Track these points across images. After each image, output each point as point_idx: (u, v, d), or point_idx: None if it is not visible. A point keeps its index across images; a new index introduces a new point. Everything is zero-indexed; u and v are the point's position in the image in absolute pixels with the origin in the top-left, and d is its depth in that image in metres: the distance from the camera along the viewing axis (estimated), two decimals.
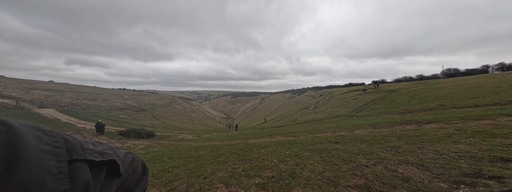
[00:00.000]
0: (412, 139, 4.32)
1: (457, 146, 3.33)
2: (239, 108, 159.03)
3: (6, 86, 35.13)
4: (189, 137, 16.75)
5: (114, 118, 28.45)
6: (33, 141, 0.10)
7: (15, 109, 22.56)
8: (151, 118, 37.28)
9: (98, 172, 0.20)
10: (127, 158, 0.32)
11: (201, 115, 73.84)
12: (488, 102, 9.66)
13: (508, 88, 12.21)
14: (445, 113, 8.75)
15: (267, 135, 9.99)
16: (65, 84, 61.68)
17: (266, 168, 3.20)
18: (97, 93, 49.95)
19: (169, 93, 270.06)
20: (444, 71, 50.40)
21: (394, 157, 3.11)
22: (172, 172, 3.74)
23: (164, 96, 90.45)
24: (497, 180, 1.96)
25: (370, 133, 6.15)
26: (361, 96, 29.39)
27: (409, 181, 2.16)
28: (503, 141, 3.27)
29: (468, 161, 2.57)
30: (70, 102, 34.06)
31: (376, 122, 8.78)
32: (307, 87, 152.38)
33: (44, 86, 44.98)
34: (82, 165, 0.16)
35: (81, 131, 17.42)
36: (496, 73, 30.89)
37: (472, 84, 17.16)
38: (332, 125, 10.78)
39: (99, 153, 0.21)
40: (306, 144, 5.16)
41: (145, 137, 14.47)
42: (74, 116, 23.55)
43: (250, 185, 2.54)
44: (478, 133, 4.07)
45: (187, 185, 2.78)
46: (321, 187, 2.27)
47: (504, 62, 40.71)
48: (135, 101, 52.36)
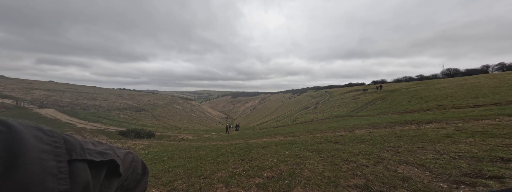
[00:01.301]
0: (412, 139, 4.32)
1: (457, 146, 3.33)
2: (239, 108, 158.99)
3: (6, 86, 35.12)
4: (189, 137, 16.75)
5: (114, 118, 28.46)
6: (33, 141, 0.10)
7: (15, 109, 22.56)
8: (151, 118, 37.28)
9: (98, 172, 0.20)
10: (127, 158, 0.32)
11: (201, 115, 73.81)
12: (488, 102, 9.65)
13: (508, 88, 12.20)
14: (445, 113, 8.75)
15: (267, 135, 9.99)
16: (65, 84, 61.65)
17: (266, 168, 3.20)
18: (97, 94, 49.94)
19: (169, 93, 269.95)
20: (444, 71, 50.41)
21: (394, 157, 3.11)
22: (172, 172, 3.74)
23: (164, 96, 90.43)
24: (497, 180, 1.95)
25: (370, 133, 6.15)
26: (361, 96, 29.38)
27: (409, 181, 2.16)
28: (503, 141, 3.27)
29: (468, 161, 2.57)
30: (70, 102, 34.07)
31: (376, 122, 8.78)
32: (307, 87, 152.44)
33: (44, 86, 44.96)
34: (82, 165, 0.16)
35: (81, 131, 17.42)
36: (496, 73, 30.90)
37: (472, 84, 17.16)
38: (332, 125, 10.78)
39: (99, 153, 0.21)
40: (306, 144, 5.15)
41: (145, 137, 14.48)
42: (74, 116, 23.56)
43: (250, 185, 2.54)
44: (478, 133, 4.07)
45: (187, 185, 2.78)
46: (321, 187, 2.27)
47: (504, 62, 40.72)
48: (135, 101, 52.35)
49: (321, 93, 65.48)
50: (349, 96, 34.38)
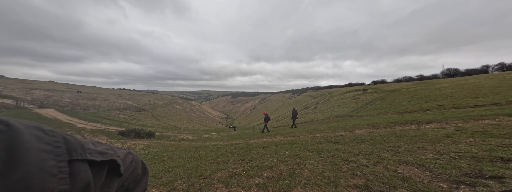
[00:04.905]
0: (412, 139, 4.32)
1: (457, 146, 3.33)
2: (239, 108, 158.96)
3: (6, 86, 35.14)
4: (189, 137, 16.75)
5: (114, 118, 28.46)
6: (33, 141, 0.10)
7: (15, 109, 22.58)
8: (151, 118, 37.29)
9: (98, 172, 0.20)
10: (127, 158, 0.32)
11: (201, 115, 73.82)
12: (488, 102, 9.65)
13: (508, 88, 12.20)
14: (445, 113, 8.75)
15: (267, 135, 9.99)
16: (65, 84, 61.66)
17: (266, 168, 3.20)
18: (97, 94, 49.97)
19: (169, 93, 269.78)
20: (444, 71, 50.35)
21: (394, 157, 3.11)
22: (172, 172, 3.74)
23: (164, 96, 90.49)
24: (497, 180, 1.95)
25: (370, 133, 6.15)
26: (361, 96, 29.38)
27: (409, 181, 2.16)
28: (503, 141, 3.27)
29: (468, 161, 2.57)
30: (70, 102, 34.08)
31: (376, 122, 8.77)
32: (307, 87, 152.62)
33: (44, 86, 44.99)
34: (82, 165, 0.16)
35: (81, 131, 17.43)
36: (496, 73, 30.88)
37: (472, 84, 17.15)
38: (332, 125, 10.77)
39: (100, 153, 0.21)
40: (306, 144, 5.15)
41: (145, 137, 14.47)
42: (74, 116, 23.56)
43: (250, 185, 2.54)
44: (478, 133, 4.07)
45: (187, 185, 2.78)
46: (321, 187, 2.27)
47: (504, 62, 40.64)
48: (135, 101, 52.37)
49: (321, 93, 65.51)
50: (349, 95, 34.38)
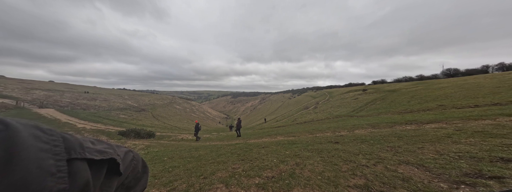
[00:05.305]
0: (412, 139, 4.32)
1: (457, 146, 3.33)
2: (239, 108, 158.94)
3: (6, 86, 35.14)
4: (189, 137, 16.74)
5: (114, 118, 28.43)
6: (31, 140, 0.10)
7: (15, 109, 22.57)
8: (151, 118, 37.26)
9: (98, 170, 0.20)
10: (127, 156, 0.32)
11: (201, 115, 73.81)
12: (488, 102, 9.65)
13: (508, 89, 12.20)
14: (445, 113, 8.75)
15: (267, 135, 9.99)
16: (65, 84, 61.67)
17: (266, 168, 3.20)
18: (97, 94, 49.96)
19: (169, 93, 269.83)
20: (444, 71, 50.33)
21: (394, 157, 3.11)
22: (172, 172, 3.74)
23: (164, 96, 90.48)
24: (497, 180, 1.95)
25: (370, 133, 6.15)
26: (361, 96, 29.39)
27: (409, 181, 2.16)
28: (503, 141, 3.27)
29: (468, 161, 2.57)
30: (70, 102, 34.08)
31: (376, 122, 8.77)
32: (307, 88, 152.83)
33: (44, 86, 44.99)
34: (81, 164, 0.16)
35: (81, 131, 17.41)
36: (496, 73, 30.86)
37: (472, 85, 17.15)
38: (332, 125, 10.77)
39: (99, 152, 0.21)
40: (306, 144, 5.15)
41: (145, 137, 14.46)
42: (74, 116, 23.54)
43: (250, 185, 2.53)
44: (478, 133, 4.07)
45: (187, 185, 2.78)
46: (321, 187, 2.27)
47: (504, 62, 40.61)
48: (135, 101, 52.36)
49: (321, 93, 65.52)
50: (349, 96, 34.39)
